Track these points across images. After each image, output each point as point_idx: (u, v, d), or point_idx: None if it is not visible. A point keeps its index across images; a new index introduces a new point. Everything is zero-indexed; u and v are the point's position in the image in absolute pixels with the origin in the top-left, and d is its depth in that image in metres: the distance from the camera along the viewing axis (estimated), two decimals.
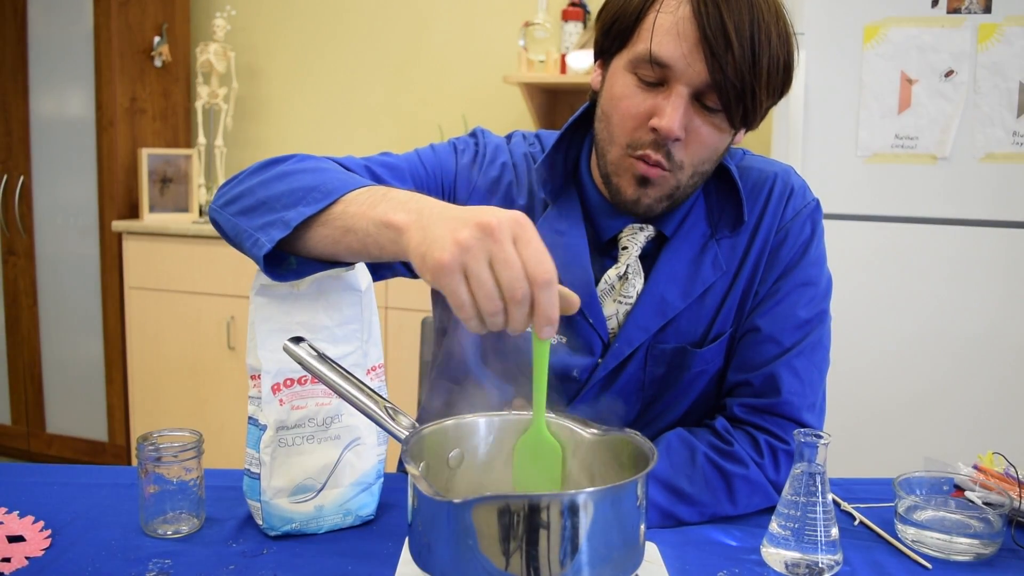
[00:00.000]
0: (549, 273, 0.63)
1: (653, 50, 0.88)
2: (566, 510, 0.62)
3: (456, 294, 0.63)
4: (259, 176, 0.87)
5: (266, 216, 0.81)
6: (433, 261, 0.63)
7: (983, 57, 1.94)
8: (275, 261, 0.83)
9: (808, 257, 1.03)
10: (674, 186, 0.95)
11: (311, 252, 0.81)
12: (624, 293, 1.01)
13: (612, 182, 0.97)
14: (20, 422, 3.21)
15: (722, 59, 0.85)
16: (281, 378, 0.87)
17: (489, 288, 0.62)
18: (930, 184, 2.01)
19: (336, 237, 0.77)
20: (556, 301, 0.63)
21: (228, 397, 2.84)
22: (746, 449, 0.96)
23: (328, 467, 0.89)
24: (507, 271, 0.62)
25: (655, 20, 0.88)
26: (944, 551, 0.87)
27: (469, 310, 0.64)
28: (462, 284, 0.63)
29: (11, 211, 3.06)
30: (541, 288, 0.62)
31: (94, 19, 2.87)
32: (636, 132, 0.92)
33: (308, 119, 3.26)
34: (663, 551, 0.85)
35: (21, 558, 0.81)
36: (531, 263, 0.62)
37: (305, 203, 0.79)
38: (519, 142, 1.08)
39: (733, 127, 0.92)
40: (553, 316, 0.64)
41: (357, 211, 0.75)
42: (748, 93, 0.88)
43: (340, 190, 0.78)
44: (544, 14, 2.77)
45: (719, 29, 0.85)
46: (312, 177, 0.82)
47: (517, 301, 0.62)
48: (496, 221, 0.62)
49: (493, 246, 0.62)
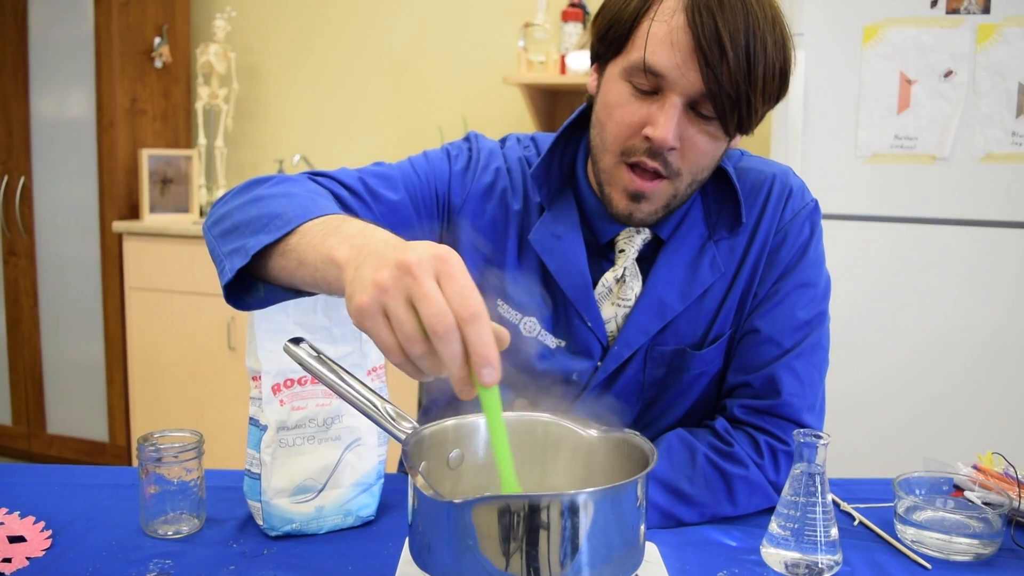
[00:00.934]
0: (475, 307, 0.57)
1: (647, 59, 0.87)
2: (566, 510, 0.62)
3: (379, 337, 0.59)
4: (239, 199, 0.86)
5: (234, 242, 0.80)
6: (354, 305, 0.60)
7: (982, 57, 1.94)
8: (245, 288, 0.81)
9: (807, 258, 1.03)
10: (671, 195, 0.94)
11: (276, 282, 0.79)
12: (622, 296, 1.01)
13: (605, 192, 0.96)
14: (21, 422, 3.21)
15: (716, 68, 0.85)
16: (281, 379, 0.87)
17: (409, 328, 0.58)
18: (930, 184, 2.01)
19: (291, 269, 0.74)
20: (489, 338, 0.58)
21: (228, 397, 2.84)
22: (746, 450, 0.96)
23: (328, 468, 0.89)
24: (427, 307, 0.57)
25: (649, 28, 0.87)
26: (944, 551, 0.87)
27: (396, 354, 0.59)
28: (384, 327, 0.59)
29: (12, 212, 3.06)
30: (468, 324, 0.57)
31: (95, 20, 2.88)
32: (630, 140, 0.92)
33: (308, 120, 3.26)
34: (663, 551, 0.86)
35: (22, 558, 0.81)
36: (455, 299, 0.57)
37: (267, 231, 0.76)
38: (513, 146, 1.08)
39: (728, 135, 0.92)
40: (489, 355, 0.58)
41: (309, 243, 0.72)
42: (743, 101, 0.87)
43: (300, 218, 0.76)
44: (544, 15, 2.77)
45: (714, 38, 0.84)
46: (279, 203, 0.80)
47: (440, 336, 0.57)
48: (416, 258, 0.58)
49: (412, 283, 0.58)
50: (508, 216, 1.03)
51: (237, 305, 0.82)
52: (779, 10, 0.90)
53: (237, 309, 0.83)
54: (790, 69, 0.91)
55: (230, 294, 0.81)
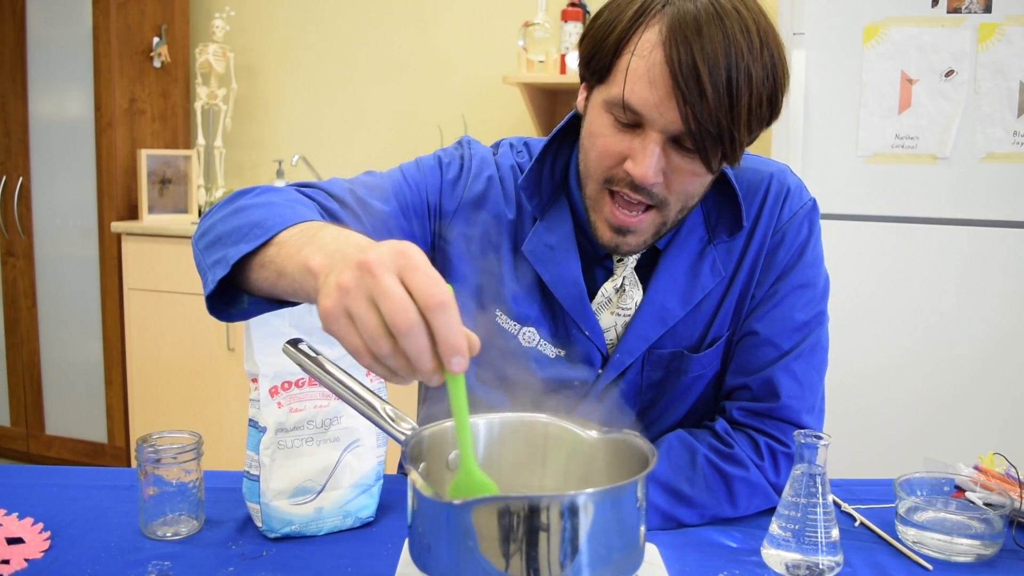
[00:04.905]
0: (440, 296, 0.56)
1: (626, 97, 0.85)
2: (566, 511, 0.62)
3: (346, 340, 0.59)
4: (224, 210, 0.85)
5: (216, 253, 0.79)
6: (321, 311, 0.60)
7: (983, 57, 1.94)
8: (228, 300, 0.81)
9: (805, 258, 1.02)
10: (659, 224, 0.93)
11: (259, 293, 0.78)
12: (622, 305, 1.00)
13: (591, 218, 0.95)
14: (19, 424, 3.20)
15: (696, 107, 0.82)
16: (279, 381, 0.87)
17: (372, 327, 0.57)
18: (930, 184, 2.01)
19: (272, 280, 0.74)
20: (456, 326, 0.57)
21: (227, 399, 2.84)
22: (746, 451, 0.96)
23: (327, 469, 0.88)
24: (387, 303, 0.56)
25: (629, 64, 0.85)
26: (945, 552, 0.86)
27: (365, 355, 0.59)
28: (349, 329, 0.58)
29: (10, 212, 3.06)
30: (434, 313, 0.56)
31: (93, 20, 2.87)
32: (612, 170, 0.90)
33: (307, 120, 3.25)
34: (663, 552, 0.85)
35: (20, 560, 0.81)
36: (419, 290, 0.57)
37: (246, 240, 0.76)
38: (506, 153, 1.06)
39: (710, 170, 0.89)
40: (456, 343, 0.57)
41: (287, 253, 0.72)
42: (725, 137, 0.84)
43: (278, 226, 0.75)
44: (544, 14, 2.76)
45: (692, 74, 0.81)
46: (258, 212, 0.79)
47: (403, 332, 0.56)
48: (375, 256, 0.58)
49: (371, 282, 0.57)
50: (501, 226, 1.02)
51: (220, 317, 0.81)
52: (769, 28, 0.86)
53: (220, 320, 0.82)
54: (782, 92, 0.87)
55: (212, 306, 0.80)
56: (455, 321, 0.57)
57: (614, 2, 0.89)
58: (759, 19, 0.85)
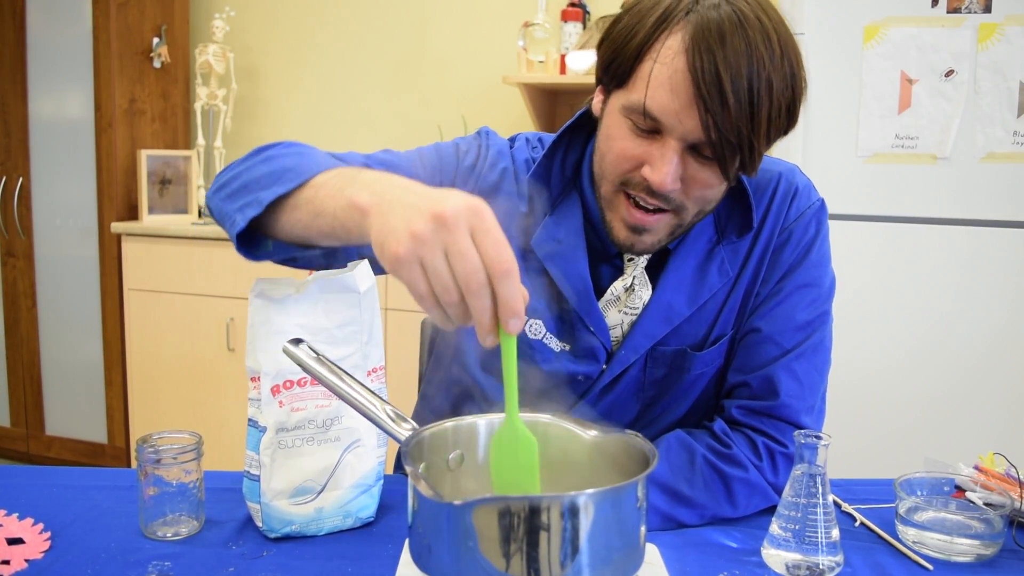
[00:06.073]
0: (507, 263, 0.61)
1: (647, 104, 0.85)
2: (566, 512, 0.62)
3: (414, 286, 0.63)
4: (248, 162, 0.88)
5: (245, 198, 0.82)
6: (390, 253, 0.63)
7: (983, 57, 1.94)
8: (253, 244, 0.83)
9: (811, 258, 1.02)
10: (675, 225, 0.93)
11: (287, 236, 0.81)
12: (630, 304, 1.00)
13: (606, 218, 0.96)
14: (19, 424, 3.20)
15: (717, 116, 0.82)
16: (280, 380, 0.86)
17: (445, 279, 0.61)
18: (930, 184, 2.01)
19: (307, 221, 0.76)
20: (517, 292, 0.62)
21: (227, 399, 2.84)
22: (744, 452, 0.96)
23: (328, 469, 0.88)
24: (462, 263, 0.60)
25: (651, 71, 0.85)
26: (945, 552, 0.86)
27: (429, 301, 0.63)
28: (421, 276, 0.62)
29: (10, 213, 3.06)
30: (500, 279, 0.61)
31: (93, 20, 2.87)
32: (629, 174, 0.90)
33: (307, 120, 3.25)
34: (663, 553, 0.85)
35: (20, 560, 0.81)
36: (488, 255, 0.61)
37: (280, 183, 0.78)
38: (522, 147, 1.06)
39: (727, 179, 0.89)
40: (517, 308, 0.62)
41: (327, 194, 0.74)
42: (744, 147, 0.84)
43: (313, 170, 0.78)
44: (544, 14, 2.76)
45: (714, 83, 0.81)
46: (292, 160, 0.82)
47: (473, 292, 0.61)
48: (452, 211, 0.61)
49: (448, 237, 0.61)
50: (512, 219, 1.02)
51: (249, 254, 0.84)
52: (789, 38, 0.86)
53: (248, 259, 0.85)
54: (800, 101, 0.88)
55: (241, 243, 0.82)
56: (517, 288, 0.62)
57: (636, 8, 0.88)
58: (780, 28, 0.85)
